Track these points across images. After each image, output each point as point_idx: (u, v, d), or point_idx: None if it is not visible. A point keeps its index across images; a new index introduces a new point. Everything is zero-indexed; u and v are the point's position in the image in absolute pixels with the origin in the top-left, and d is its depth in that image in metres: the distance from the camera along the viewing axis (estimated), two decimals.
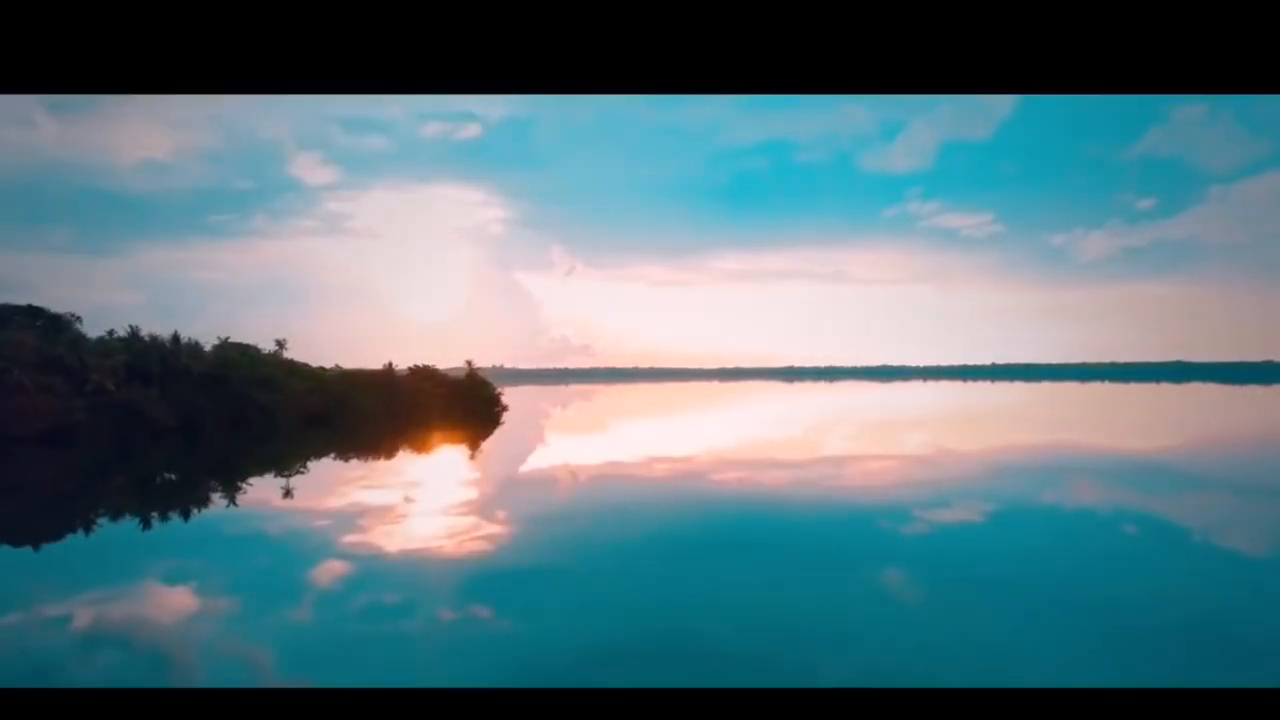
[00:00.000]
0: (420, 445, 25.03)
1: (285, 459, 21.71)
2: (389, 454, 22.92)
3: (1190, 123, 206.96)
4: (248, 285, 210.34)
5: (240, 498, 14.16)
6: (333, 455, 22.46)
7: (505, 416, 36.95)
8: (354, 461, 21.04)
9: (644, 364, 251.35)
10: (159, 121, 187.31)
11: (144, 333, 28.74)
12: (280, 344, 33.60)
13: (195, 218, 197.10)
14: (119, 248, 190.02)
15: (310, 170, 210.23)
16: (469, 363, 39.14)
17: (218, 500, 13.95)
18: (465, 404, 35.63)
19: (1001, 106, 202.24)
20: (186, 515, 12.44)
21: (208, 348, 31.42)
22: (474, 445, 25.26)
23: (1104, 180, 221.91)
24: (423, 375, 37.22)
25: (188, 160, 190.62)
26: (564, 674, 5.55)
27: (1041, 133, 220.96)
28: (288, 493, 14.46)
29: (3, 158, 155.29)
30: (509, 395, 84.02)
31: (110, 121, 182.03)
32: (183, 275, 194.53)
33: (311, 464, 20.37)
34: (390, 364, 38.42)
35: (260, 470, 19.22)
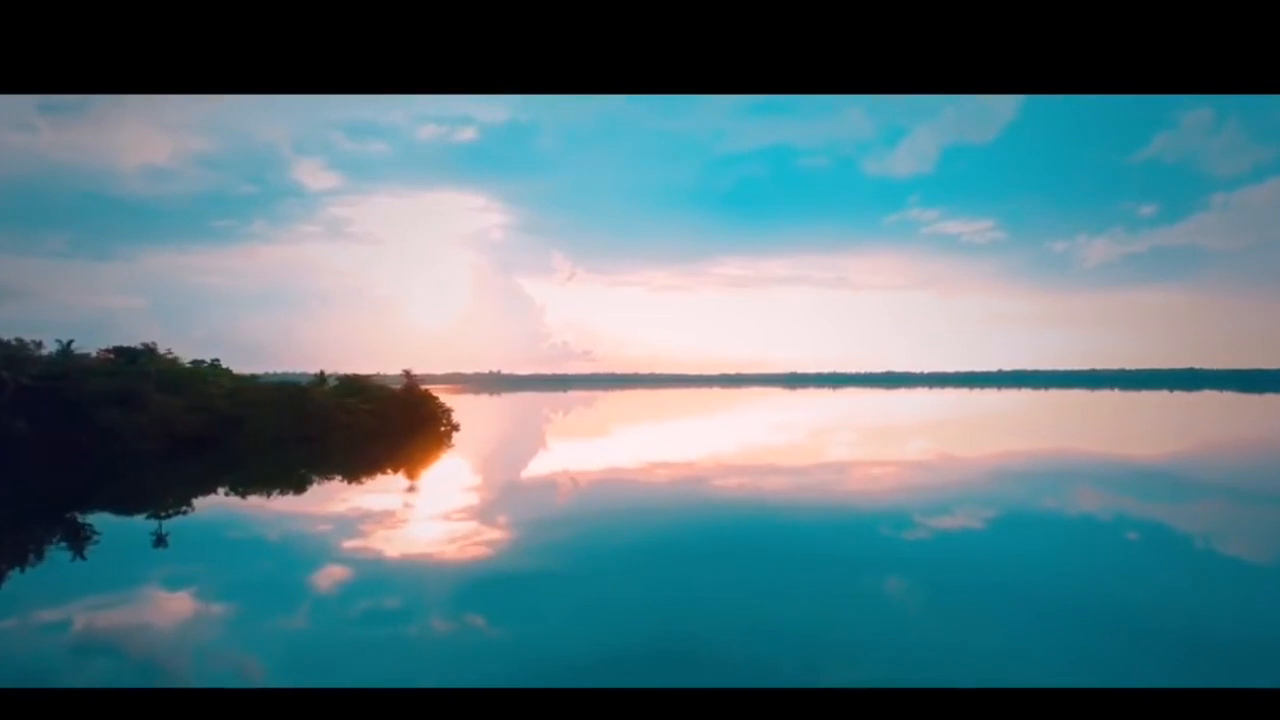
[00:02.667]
0: (305, 481, 18.73)
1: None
2: (270, 491, 16.66)
3: (1193, 128, 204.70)
4: (250, 290, 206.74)
5: None
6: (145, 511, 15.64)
7: (459, 435, 30.75)
8: (170, 517, 14.32)
9: (645, 370, 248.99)
10: (161, 127, 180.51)
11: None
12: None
13: (198, 223, 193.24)
14: (121, 253, 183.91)
15: (312, 175, 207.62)
16: (407, 373, 32.61)
17: None
18: (402, 422, 29.63)
19: (1004, 110, 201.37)
20: None
21: (210, 355, 26.29)
22: (391, 482, 18.96)
23: (1106, 186, 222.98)
24: (346, 389, 30.71)
25: (190, 166, 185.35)
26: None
27: (1043, 138, 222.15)
28: None
29: (3, 163, 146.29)
30: (504, 402, 75.37)
31: (112, 127, 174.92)
32: (185, 280, 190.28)
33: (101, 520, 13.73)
34: (322, 373, 32.16)
35: None
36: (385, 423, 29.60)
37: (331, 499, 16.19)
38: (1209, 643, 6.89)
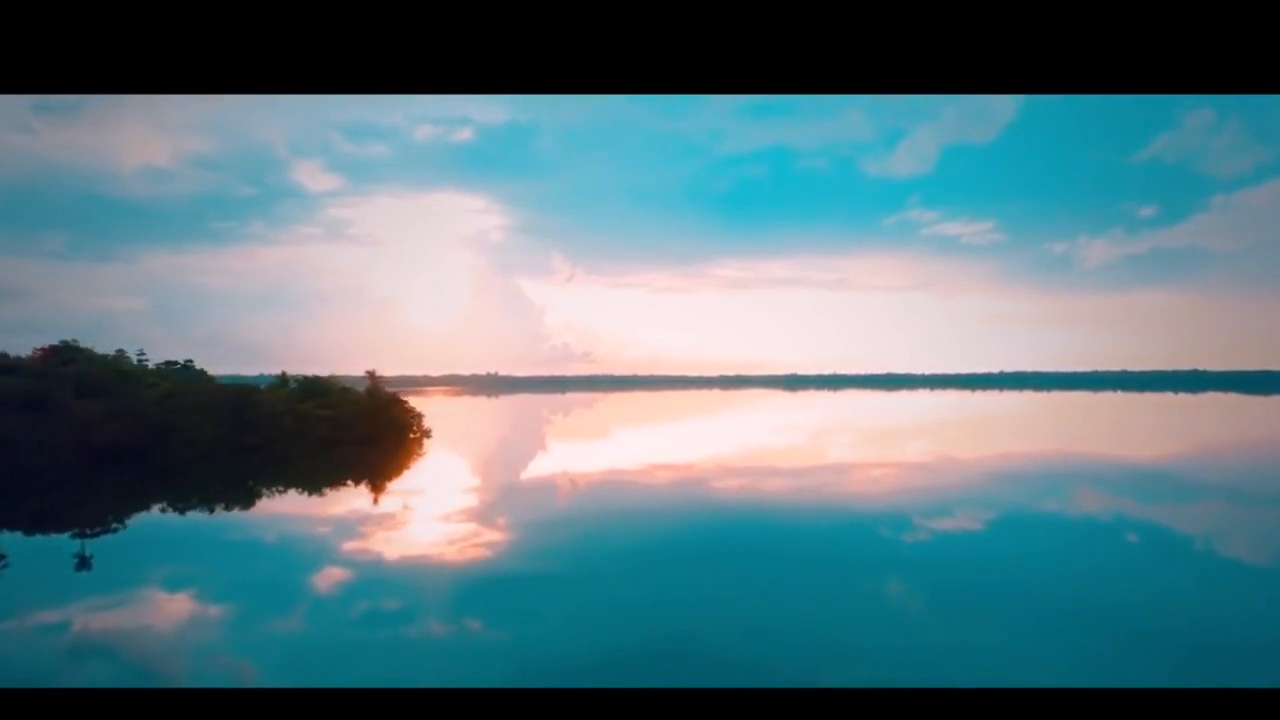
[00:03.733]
0: (235, 498, 16.55)
1: None
2: (189, 507, 14.18)
3: (1193, 129, 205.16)
4: (250, 291, 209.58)
5: None
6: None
7: (433, 441, 28.65)
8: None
9: (644, 371, 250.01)
10: (161, 128, 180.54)
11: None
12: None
13: (198, 224, 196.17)
14: (122, 254, 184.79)
15: (312, 177, 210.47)
16: (370, 373, 29.86)
17: None
18: (364, 429, 27.13)
19: (1004, 111, 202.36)
20: None
21: (210, 356, 22.47)
22: (334, 498, 16.68)
23: (1105, 187, 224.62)
24: (304, 392, 27.99)
25: (190, 167, 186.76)
26: None
27: (1043, 138, 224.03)
28: None
29: (2, 164, 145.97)
30: (499, 404, 73.87)
31: (111, 128, 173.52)
32: (185, 281, 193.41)
33: None
34: (284, 374, 29.72)
35: None
36: (343, 430, 27.69)
37: (258, 518, 14.35)
38: (1211, 643, 6.93)
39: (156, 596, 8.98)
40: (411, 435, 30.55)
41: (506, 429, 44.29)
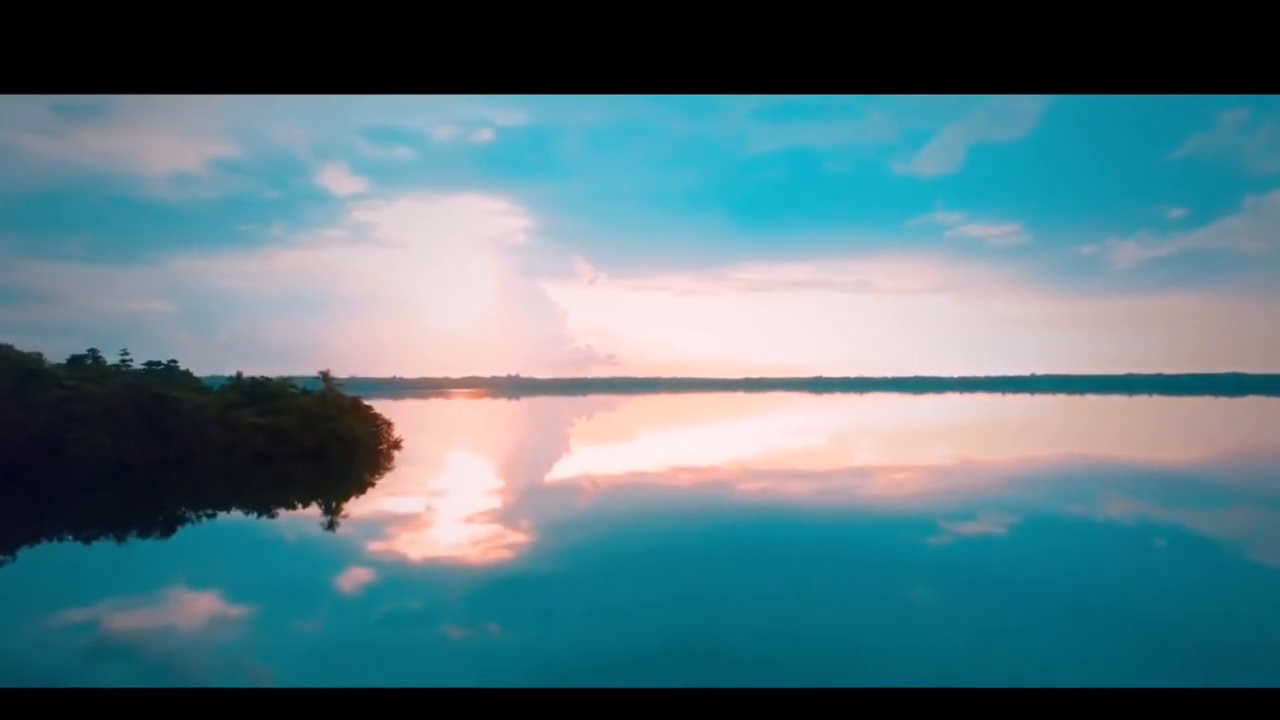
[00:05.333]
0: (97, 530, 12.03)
1: None
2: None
3: (1226, 129, 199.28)
4: (274, 294, 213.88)
5: None
6: None
7: (404, 455, 24.83)
8: None
9: (667, 374, 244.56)
10: (187, 134, 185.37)
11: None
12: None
13: (224, 228, 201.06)
14: (149, 257, 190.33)
15: (337, 181, 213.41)
16: (324, 374, 25.69)
17: None
18: (309, 441, 22.57)
19: (1031, 109, 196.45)
20: None
21: (235, 359, 20.25)
22: (223, 544, 12.75)
23: (1134, 188, 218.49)
24: (244, 395, 23.76)
25: (217, 172, 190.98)
26: None
27: (1071, 138, 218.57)
28: None
29: (30, 169, 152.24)
30: (519, 407, 76.58)
31: (138, 134, 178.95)
32: (211, 285, 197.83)
33: None
34: (239, 374, 25.82)
35: None
36: (282, 442, 23.30)
37: (123, 559, 11.70)
38: (1246, 645, 6.92)
39: None
40: (380, 446, 26.48)
41: (507, 434, 40.92)
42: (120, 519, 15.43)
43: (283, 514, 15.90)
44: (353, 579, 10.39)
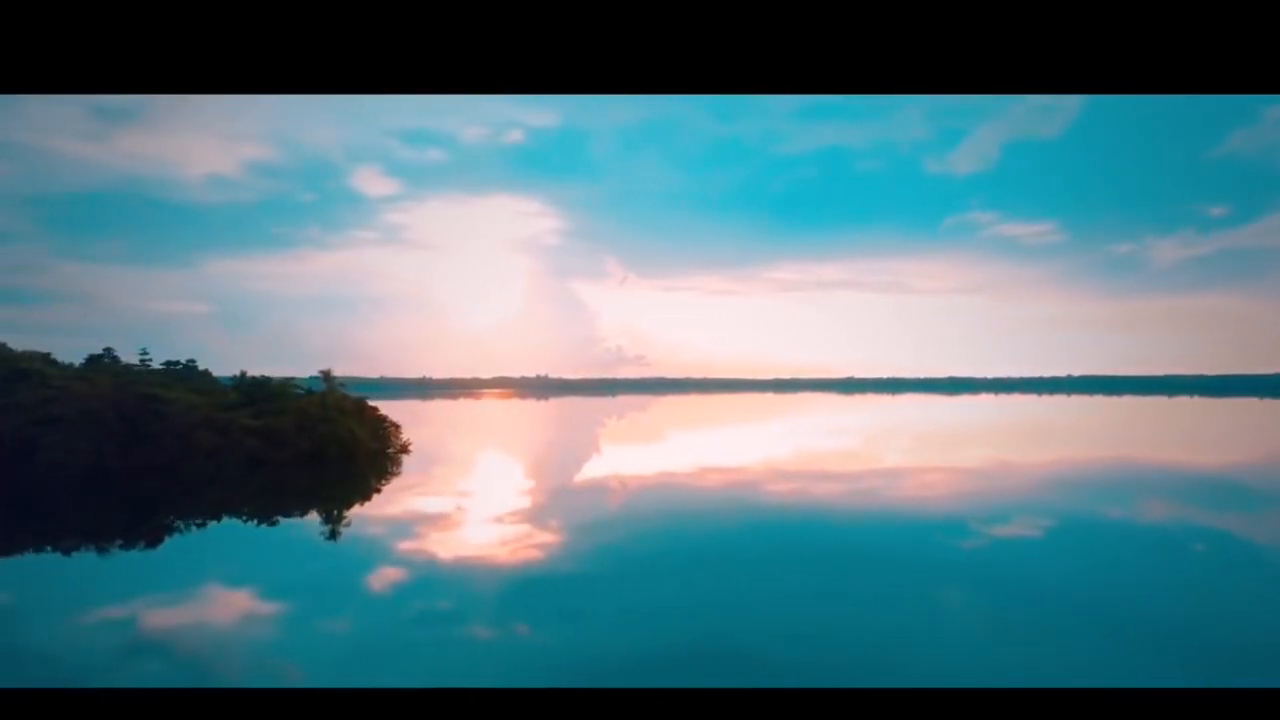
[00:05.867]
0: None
1: None
2: None
3: (1269, 126, 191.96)
4: (308, 295, 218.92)
5: None
6: None
7: (413, 458, 22.95)
8: None
9: (697, 374, 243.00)
10: (225, 137, 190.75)
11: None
12: None
13: (259, 230, 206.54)
14: (185, 259, 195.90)
15: (370, 183, 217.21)
16: (325, 374, 24.11)
17: None
18: (306, 445, 20.74)
19: (1069, 107, 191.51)
20: None
21: (269, 360, 19.95)
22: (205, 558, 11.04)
23: (1174, 186, 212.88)
24: (241, 396, 22.03)
25: (252, 174, 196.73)
26: None
27: (1109, 135, 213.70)
28: None
29: (71, 172, 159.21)
30: (547, 407, 75.78)
31: (175, 137, 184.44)
32: (247, 286, 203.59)
33: None
34: (243, 373, 24.41)
35: None
36: (276, 446, 21.46)
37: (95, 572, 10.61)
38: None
39: None
40: (387, 450, 24.82)
41: (529, 436, 39.23)
42: (96, 528, 13.97)
43: (276, 522, 14.54)
44: (347, 589, 9.64)
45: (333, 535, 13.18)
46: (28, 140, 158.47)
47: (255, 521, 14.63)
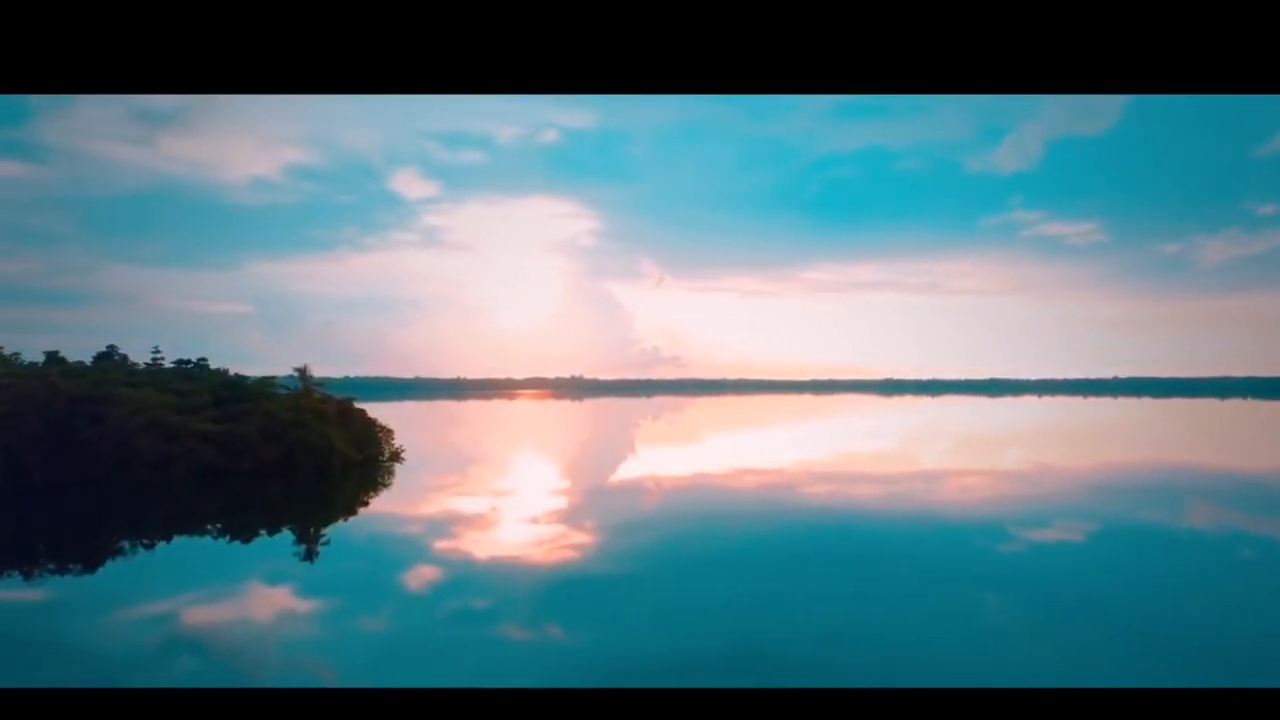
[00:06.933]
0: None
1: None
2: None
3: None
4: (348, 297, 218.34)
5: None
6: None
7: (406, 466, 20.38)
8: None
9: (734, 375, 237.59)
10: (266, 141, 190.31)
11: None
12: None
13: (300, 232, 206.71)
14: (227, 261, 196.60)
15: (408, 185, 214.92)
16: (301, 371, 21.13)
17: None
18: (272, 454, 17.91)
19: (1114, 103, 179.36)
20: None
21: (310, 361, 19.42)
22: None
23: (1222, 184, 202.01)
24: (210, 398, 18.84)
25: (293, 177, 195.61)
26: None
27: (1156, 132, 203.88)
28: None
29: (117, 176, 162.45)
30: (584, 409, 74.26)
31: (219, 141, 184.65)
32: (287, 287, 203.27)
33: None
34: (226, 369, 21.40)
35: None
36: (237, 455, 18.41)
37: None
38: None
39: None
40: (381, 457, 21.95)
41: (553, 438, 37.27)
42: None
43: (232, 545, 12.33)
44: (314, 625, 8.19)
45: (307, 556, 11.21)
46: (77, 145, 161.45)
47: (205, 544, 12.35)
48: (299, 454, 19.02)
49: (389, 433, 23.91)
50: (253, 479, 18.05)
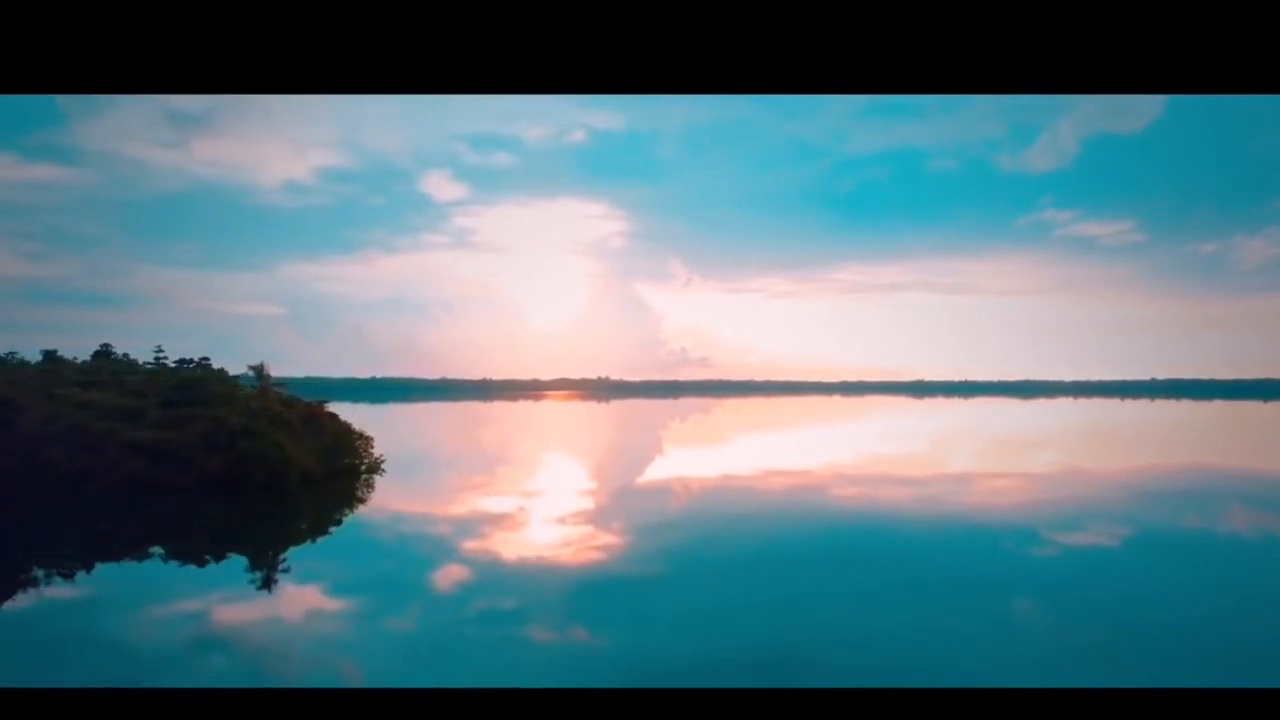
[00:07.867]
0: None
1: None
2: None
3: None
4: (378, 298, 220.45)
5: None
6: None
7: (386, 478, 17.93)
8: None
9: (762, 377, 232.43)
10: (297, 143, 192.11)
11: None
12: None
13: (331, 234, 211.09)
14: (259, 262, 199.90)
15: (438, 187, 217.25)
16: (257, 369, 18.80)
17: None
18: (217, 467, 15.31)
19: (1151, 100, 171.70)
20: None
21: (341, 362, 15.71)
22: None
23: (1260, 182, 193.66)
24: (165, 397, 16.47)
25: (324, 179, 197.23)
26: None
27: (1193, 129, 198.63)
28: None
29: (150, 178, 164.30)
30: (610, 410, 72.99)
31: (251, 144, 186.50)
32: (318, 288, 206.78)
33: None
34: (187, 362, 18.49)
35: None
36: (174, 467, 15.71)
37: None
38: None
39: None
40: (358, 466, 19.47)
41: (568, 441, 35.27)
42: None
43: (156, 576, 10.25)
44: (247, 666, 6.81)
45: (267, 583, 9.64)
46: (112, 148, 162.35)
47: (125, 576, 10.27)
48: (250, 466, 16.36)
49: (367, 441, 21.28)
50: (193, 495, 15.45)
